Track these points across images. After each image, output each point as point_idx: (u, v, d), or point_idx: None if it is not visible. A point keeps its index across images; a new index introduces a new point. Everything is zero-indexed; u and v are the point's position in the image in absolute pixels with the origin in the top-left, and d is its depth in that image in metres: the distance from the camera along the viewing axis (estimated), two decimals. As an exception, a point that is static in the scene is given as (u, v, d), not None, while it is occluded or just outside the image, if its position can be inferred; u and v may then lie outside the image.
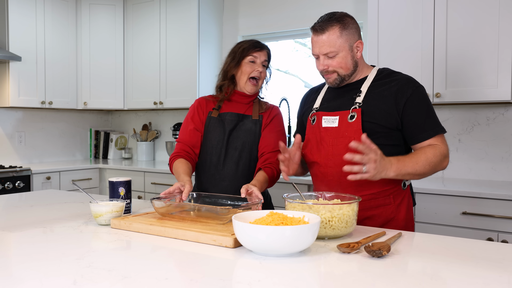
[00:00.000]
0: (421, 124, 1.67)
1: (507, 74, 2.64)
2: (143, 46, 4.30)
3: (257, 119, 2.08)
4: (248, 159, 2.05)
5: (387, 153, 1.60)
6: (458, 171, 3.10)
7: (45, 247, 1.32)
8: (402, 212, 1.74)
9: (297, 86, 4.09)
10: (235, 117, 2.08)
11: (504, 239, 2.41)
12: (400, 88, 1.68)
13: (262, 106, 2.12)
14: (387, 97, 1.68)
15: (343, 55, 1.70)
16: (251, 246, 1.21)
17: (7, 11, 3.77)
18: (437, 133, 1.68)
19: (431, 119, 1.70)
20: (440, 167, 1.67)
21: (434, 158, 1.63)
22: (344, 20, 1.70)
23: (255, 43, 2.07)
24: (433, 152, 1.64)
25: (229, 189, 2.01)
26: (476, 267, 1.14)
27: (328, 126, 1.74)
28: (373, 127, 1.67)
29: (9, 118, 4.14)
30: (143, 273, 1.08)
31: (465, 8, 2.75)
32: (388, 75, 1.76)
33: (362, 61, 1.78)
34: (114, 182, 1.72)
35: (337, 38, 1.68)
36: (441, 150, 1.66)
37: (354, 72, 1.75)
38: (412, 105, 1.67)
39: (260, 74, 2.06)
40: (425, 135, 1.68)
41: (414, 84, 1.71)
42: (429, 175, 1.68)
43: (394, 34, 2.96)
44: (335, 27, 1.69)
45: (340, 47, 1.69)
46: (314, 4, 3.72)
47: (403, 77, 1.74)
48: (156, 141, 4.66)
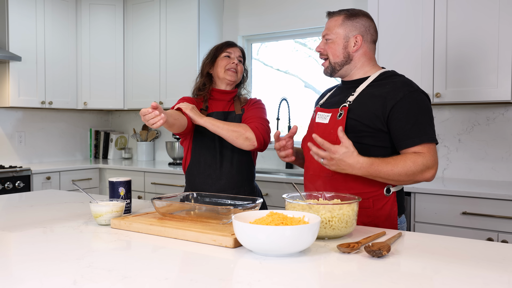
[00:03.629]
0: (407, 130, 1.60)
1: (507, 74, 2.64)
2: (143, 46, 4.30)
3: (240, 113, 2.14)
4: (241, 154, 2.11)
5: (372, 154, 1.59)
6: (458, 171, 3.10)
7: (45, 247, 1.32)
8: (381, 218, 1.67)
9: (297, 86, 4.09)
10: (221, 115, 2.12)
11: (504, 239, 2.41)
12: (392, 90, 1.64)
13: (242, 101, 2.20)
14: (377, 97, 1.65)
15: (337, 42, 1.73)
16: (251, 246, 1.21)
17: (7, 11, 3.77)
18: (422, 142, 1.59)
19: (419, 126, 1.61)
20: (421, 177, 1.60)
21: (414, 167, 1.57)
22: (353, 13, 1.73)
23: (228, 41, 2.22)
24: (413, 160, 1.57)
25: (227, 187, 2.06)
26: (476, 267, 1.14)
27: (320, 122, 1.75)
28: (357, 126, 1.65)
29: (9, 118, 4.14)
30: (143, 273, 1.08)
31: (465, 9, 2.75)
32: (388, 77, 1.72)
33: (364, 58, 1.74)
34: (114, 182, 1.72)
35: (337, 26, 1.73)
36: (425, 160, 1.58)
37: (345, 63, 1.74)
38: (400, 109, 1.61)
39: (236, 66, 2.14)
40: (409, 142, 1.61)
41: (408, 88, 1.64)
42: (406, 184, 1.63)
43: (394, 34, 2.96)
44: (341, 16, 1.74)
45: (337, 34, 1.73)
46: (314, 4, 3.72)
47: (400, 80, 1.69)
48: (156, 141, 4.66)
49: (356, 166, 1.54)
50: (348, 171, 1.56)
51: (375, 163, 1.56)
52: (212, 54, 2.18)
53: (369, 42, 1.75)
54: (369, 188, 1.66)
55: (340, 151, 1.52)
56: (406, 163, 1.57)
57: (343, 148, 1.52)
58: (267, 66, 4.20)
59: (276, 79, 4.18)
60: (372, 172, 1.56)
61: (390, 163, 1.57)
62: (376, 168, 1.55)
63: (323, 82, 3.91)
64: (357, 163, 1.53)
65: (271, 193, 3.16)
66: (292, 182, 1.67)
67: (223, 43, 2.21)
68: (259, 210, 1.42)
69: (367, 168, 1.55)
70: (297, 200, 1.48)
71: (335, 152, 1.52)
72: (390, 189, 1.67)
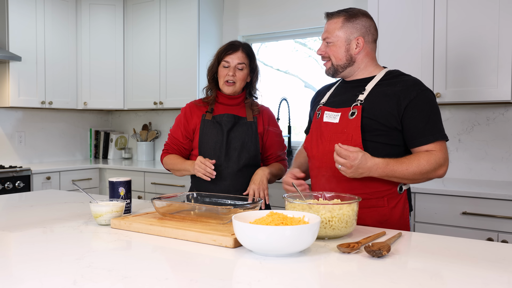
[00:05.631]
0: (421, 128, 1.64)
1: (507, 74, 2.64)
2: (143, 46, 4.30)
3: (252, 121, 2.15)
4: (248, 158, 2.11)
5: (385, 153, 1.62)
6: (458, 171, 3.10)
7: (45, 247, 1.32)
8: (395, 216, 1.70)
9: (297, 86, 4.09)
10: (231, 118, 2.13)
11: (504, 239, 2.41)
12: (405, 89, 1.66)
13: (254, 109, 2.19)
14: (390, 96, 1.66)
15: (338, 45, 1.73)
16: (251, 246, 1.21)
17: (7, 11, 3.77)
18: (436, 139, 1.64)
19: (432, 124, 1.65)
20: (434, 175, 1.64)
21: (427, 165, 1.61)
22: (353, 14, 1.73)
23: (228, 46, 2.14)
24: (427, 159, 1.61)
25: (231, 188, 2.07)
26: (476, 267, 1.14)
27: (328, 121, 1.74)
28: (372, 125, 1.66)
29: (9, 118, 4.14)
30: (143, 273, 1.08)
31: (465, 9, 2.75)
32: (396, 76, 1.73)
33: (367, 59, 1.75)
34: (114, 182, 1.72)
35: (338, 28, 1.72)
36: (437, 158, 1.62)
37: (348, 66, 1.75)
38: (414, 108, 1.64)
39: (232, 77, 2.11)
40: (423, 140, 1.64)
41: (420, 87, 1.67)
42: (421, 182, 1.66)
43: (394, 34, 2.96)
44: (340, 17, 1.73)
45: (337, 37, 1.72)
46: (314, 4, 3.72)
47: (411, 79, 1.71)
48: (156, 141, 4.66)
49: (373, 168, 1.56)
50: (365, 175, 1.58)
51: (390, 163, 1.59)
52: (215, 60, 2.17)
53: (370, 42, 1.75)
54: (385, 186, 1.69)
55: (359, 157, 1.52)
56: (420, 162, 1.60)
57: (360, 153, 1.53)
58: (267, 66, 4.20)
59: (276, 79, 4.18)
60: (388, 172, 1.59)
61: (405, 163, 1.60)
62: (392, 168, 1.59)
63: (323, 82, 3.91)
64: (374, 165, 1.56)
65: (271, 193, 3.16)
66: (292, 182, 1.67)
67: (224, 48, 2.14)
68: (259, 210, 1.42)
69: (383, 169, 1.58)
70: (297, 200, 1.48)
71: (354, 159, 1.53)
72: (402, 187, 1.71)
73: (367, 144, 1.66)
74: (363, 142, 1.65)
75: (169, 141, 2.22)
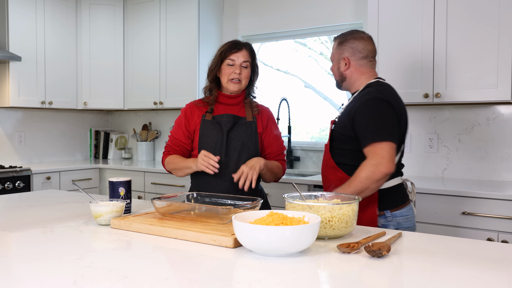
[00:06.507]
0: (362, 133, 1.81)
1: (507, 74, 2.64)
2: (143, 46, 4.30)
3: (251, 121, 2.15)
4: (247, 158, 2.10)
5: (354, 158, 1.83)
6: (458, 171, 3.10)
7: (45, 247, 1.32)
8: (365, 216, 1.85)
9: (297, 86, 4.09)
10: (231, 118, 2.13)
11: (504, 239, 2.41)
12: (356, 101, 1.87)
13: (253, 109, 2.19)
14: (348, 109, 1.90)
15: (334, 64, 2.05)
16: (251, 246, 1.21)
17: (7, 11, 3.77)
18: (373, 140, 1.77)
19: (370, 128, 1.79)
20: (376, 176, 1.73)
21: (362, 173, 1.74)
22: (345, 38, 2.00)
23: (232, 45, 2.13)
24: (361, 168, 1.75)
25: (231, 188, 2.05)
26: (476, 267, 1.14)
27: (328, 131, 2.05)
28: (339, 135, 1.92)
29: (9, 118, 4.14)
30: (143, 273, 1.08)
31: (465, 9, 2.75)
32: (363, 90, 1.92)
33: (356, 74, 1.97)
34: (114, 182, 1.72)
35: (333, 50, 2.05)
36: (370, 161, 1.75)
37: (342, 81, 2.02)
38: (357, 116, 1.83)
39: (239, 75, 2.10)
40: (363, 143, 1.80)
41: (364, 97, 1.85)
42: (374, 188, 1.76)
43: (394, 34, 2.96)
44: (335, 42, 2.05)
45: (333, 57, 2.05)
46: (314, 4, 3.72)
47: (366, 91, 1.89)
48: (156, 141, 4.66)
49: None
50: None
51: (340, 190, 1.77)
52: (217, 59, 2.14)
53: (358, 59, 1.97)
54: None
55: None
56: (356, 174, 1.75)
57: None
58: (267, 66, 4.20)
59: (276, 79, 4.18)
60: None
61: (346, 183, 1.78)
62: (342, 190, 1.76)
63: (323, 82, 3.91)
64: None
65: (272, 193, 3.16)
66: (292, 182, 1.67)
67: (228, 46, 2.13)
68: (259, 210, 1.42)
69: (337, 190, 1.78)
70: (297, 200, 1.48)
71: None
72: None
73: (334, 151, 1.93)
74: (331, 149, 1.94)
75: (170, 142, 2.21)
